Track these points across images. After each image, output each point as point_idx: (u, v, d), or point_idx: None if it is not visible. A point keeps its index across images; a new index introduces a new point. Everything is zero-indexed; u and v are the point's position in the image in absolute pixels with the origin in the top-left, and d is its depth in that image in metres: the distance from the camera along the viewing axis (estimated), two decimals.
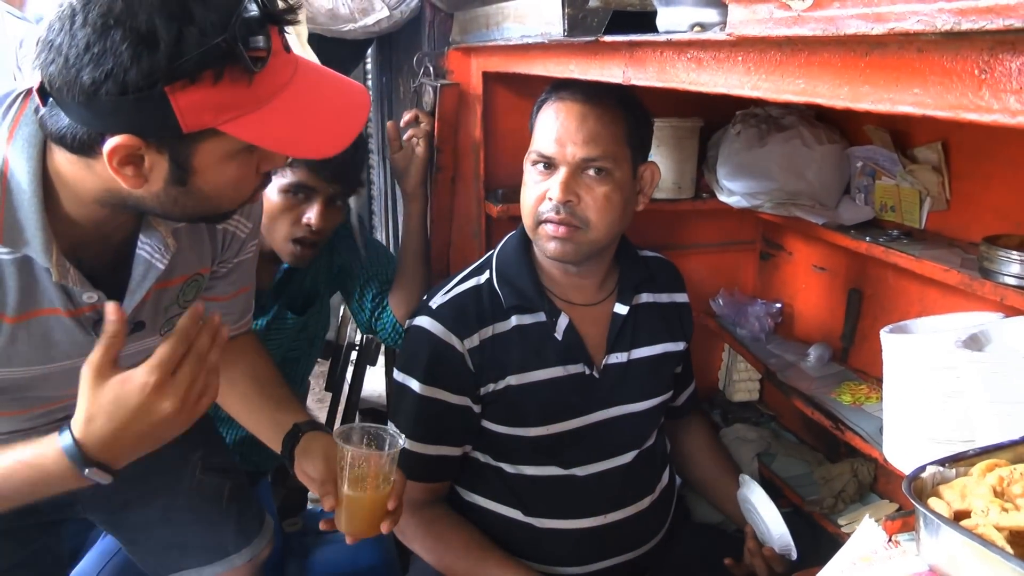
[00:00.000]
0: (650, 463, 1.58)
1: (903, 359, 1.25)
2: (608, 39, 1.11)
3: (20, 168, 0.95)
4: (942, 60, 0.59)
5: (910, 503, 0.85)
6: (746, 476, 1.57)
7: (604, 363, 1.50)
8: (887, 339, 1.28)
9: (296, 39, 1.68)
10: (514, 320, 1.46)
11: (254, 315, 1.47)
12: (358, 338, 2.49)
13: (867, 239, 1.57)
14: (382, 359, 2.52)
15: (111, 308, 0.97)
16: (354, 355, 2.48)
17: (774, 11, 0.73)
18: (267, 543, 1.58)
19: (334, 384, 2.42)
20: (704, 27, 0.91)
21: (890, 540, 0.94)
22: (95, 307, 1.08)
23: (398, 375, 1.49)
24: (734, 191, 1.84)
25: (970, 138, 1.50)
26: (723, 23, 0.82)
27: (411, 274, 1.84)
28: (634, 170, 1.43)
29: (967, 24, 0.53)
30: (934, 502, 0.84)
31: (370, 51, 2.63)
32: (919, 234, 1.60)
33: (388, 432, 1.25)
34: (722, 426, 2.12)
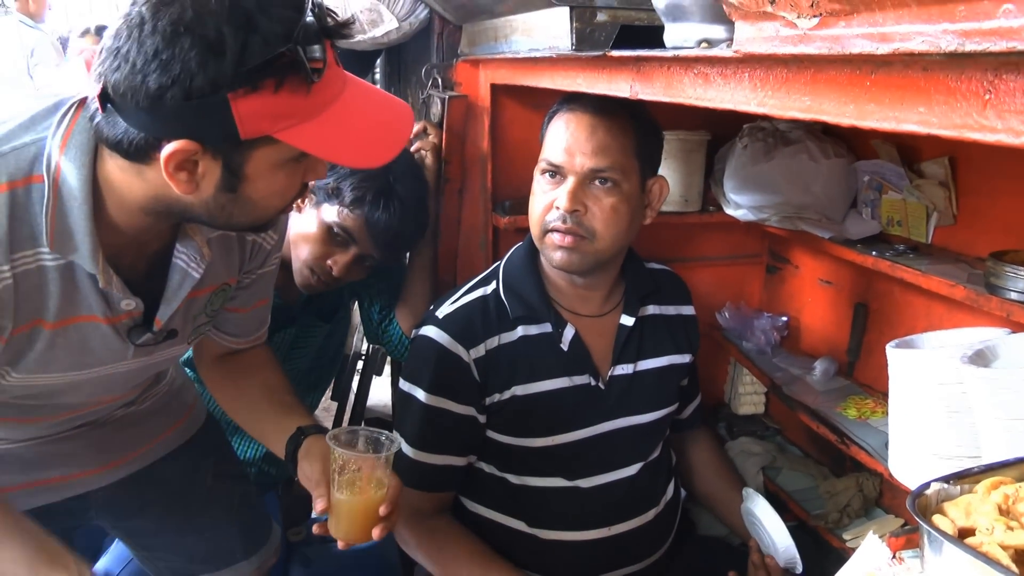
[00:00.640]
0: (655, 475, 1.58)
1: (909, 374, 1.25)
2: (615, 54, 1.11)
3: (72, 176, 0.97)
4: (947, 80, 0.59)
5: (915, 519, 0.84)
6: (750, 489, 1.57)
7: (610, 374, 1.50)
8: (893, 354, 1.28)
9: None
10: (520, 330, 1.46)
11: (283, 326, 1.47)
12: (364, 348, 2.49)
13: (873, 253, 1.57)
14: (388, 369, 2.52)
15: None
16: (360, 365, 2.48)
17: (780, 29, 0.73)
18: (274, 551, 1.58)
19: (340, 393, 2.42)
20: (711, 43, 0.92)
21: (894, 557, 0.94)
22: (131, 314, 1.10)
23: (404, 384, 1.49)
24: (741, 204, 1.85)
25: (977, 153, 1.50)
26: (730, 40, 0.83)
27: (418, 287, 1.85)
28: (642, 183, 1.43)
29: (971, 46, 0.54)
30: (938, 519, 0.83)
31: (378, 62, 2.64)
32: (926, 249, 1.59)
33: (385, 435, 1.21)
34: (727, 439, 2.12)
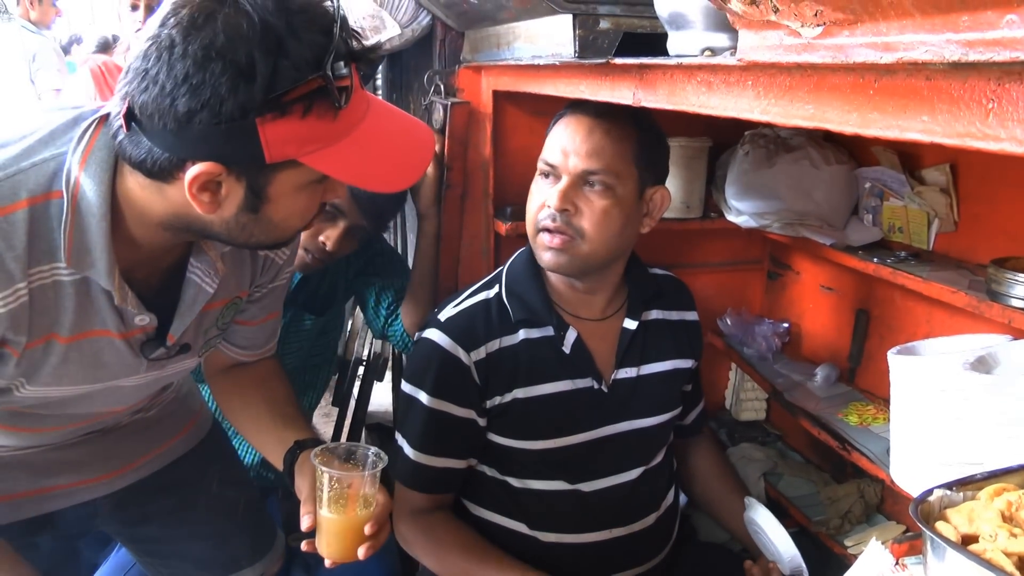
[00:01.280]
0: (656, 480, 1.58)
1: (910, 380, 1.25)
2: (619, 61, 1.12)
3: (91, 192, 0.97)
4: (950, 89, 0.59)
5: (917, 525, 0.85)
6: (752, 499, 1.56)
7: (613, 378, 1.50)
8: (894, 360, 1.28)
9: None
10: (522, 334, 1.46)
11: None
12: (365, 353, 2.50)
13: (875, 260, 1.57)
14: (389, 374, 2.53)
15: None
16: (361, 370, 2.49)
17: (784, 38, 0.73)
18: (278, 557, 1.58)
19: (341, 399, 2.43)
20: (714, 52, 0.92)
21: (897, 563, 0.94)
22: (144, 329, 1.10)
23: (406, 387, 1.50)
24: (742, 211, 1.85)
25: (979, 161, 1.50)
26: (733, 48, 0.83)
27: (423, 288, 1.88)
28: (641, 191, 1.42)
29: (974, 55, 0.54)
30: (941, 526, 0.84)
31: (381, 68, 2.65)
32: (927, 255, 1.60)
33: (373, 452, 1.20)
34: (728, 445, 2.12)
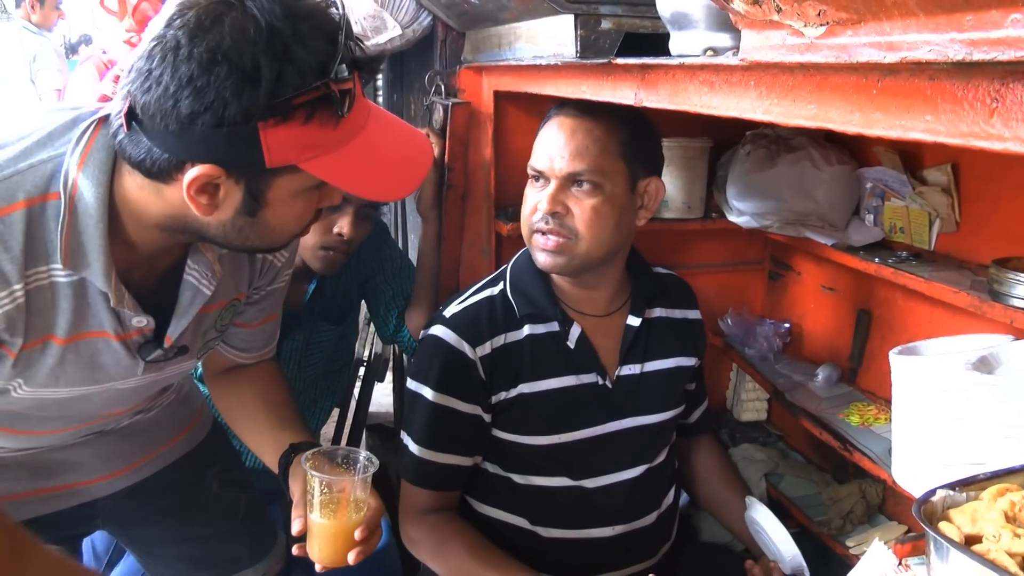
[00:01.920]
0: (658, 479, 1.58)
1: (912, 380, 1.25)
2: (620, 61, 1.12)
3: (89, 193, 0.97)
4: (954, 89, 0.59)
5: (919, 526, 0.84)
6: (753, 498, 1.56)
7: (617, 374, 1.51)
8: (896, 360, 1.28)
9: None
10: (527, 329, 1.47)
11: (290, 332, 1.47)
12: (366, 354, 2.49)
13: (876, 260, 1.57)
14: (390, 375, 2.53)
15: None
16: (362, 371, 2.48)
17: (787, 37, 0.73)
18: (280, 558, 1.58)
19: (342, 400, 2.42)
20: (717, 51, 0.92)
21: (900, 563, 0.94)
22: (142, 331, 1.10)
23: (411, 383, 1.50)
24: (743, 211, 1.85)
25: (980, 161, 1.50)
26: (736, 48, 0.83)
27: (425, 289, 1.88)
28: (632, 184, 1.42)
29: (979, 55, 0.54)
30: (945, 526, 0.84)
31: (382, 69, 2.65)
32: (928, 256, 1.60)
33: (364, 456, 1.18)
34: (730, 446, 2.11)
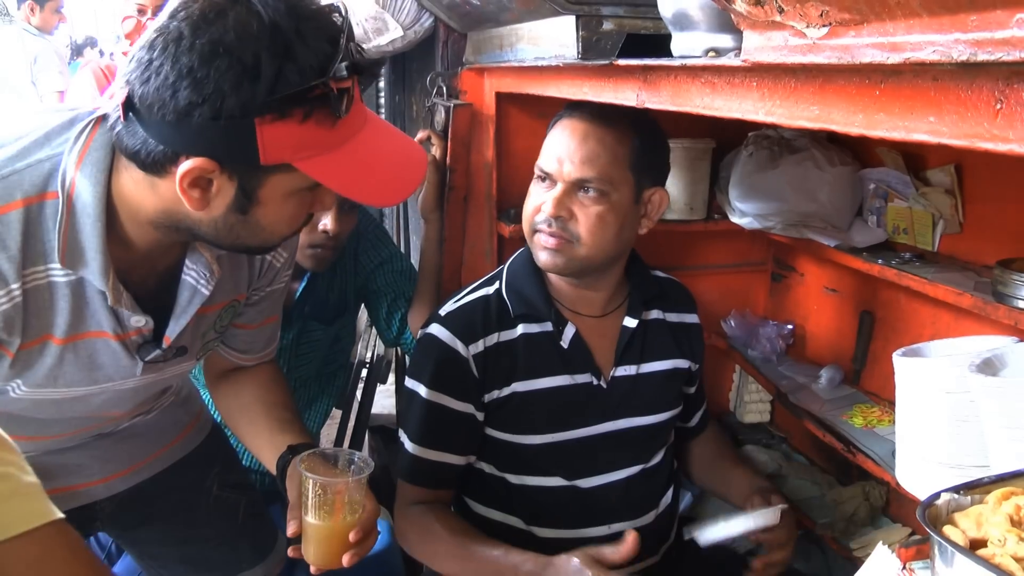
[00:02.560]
0: (655, 479, 1.58)
1: (915, 382, 1.24)
2: (622, 62, 1.11)
3: (86, 192, 0.97)
4: (958, 90, 0.59)
5: (923, 528, 0.84)
6: (697, 533, 1.45)
7: (612, 375, 1.50)
8: (899, 362, 1.27)
9: None
10: (521, 328, 1.47)
11: (281, 330, 1.48)
12: (368, 355, 2.49)
13: (879, 262, 1.56)
14: (392, 377, 2.52)
15: None
16: (364, 372, 2.48)
17: (789, 39, 0.73)
18: (280, 559, 1.58)
19: (344, 401, 2.42)
20: (719, 52, 0.92)
21: (904, 567, 0.94)
22: (140, 331, 1.10)
23: (408, 381, 1.51)
24: (746, 212, 1.84)
25: (984, 161, 1.49)
26: (738, 49, 0.83)
27: (429, 293, 1.89)
28: (638, 194, 1.42)
29: (983, 55, 0.53)
30: (949, 530, 0.83)
31: (383, 71, 2.65)
32: (932, 257, 1.59)
33: (358, 457, 1.18)
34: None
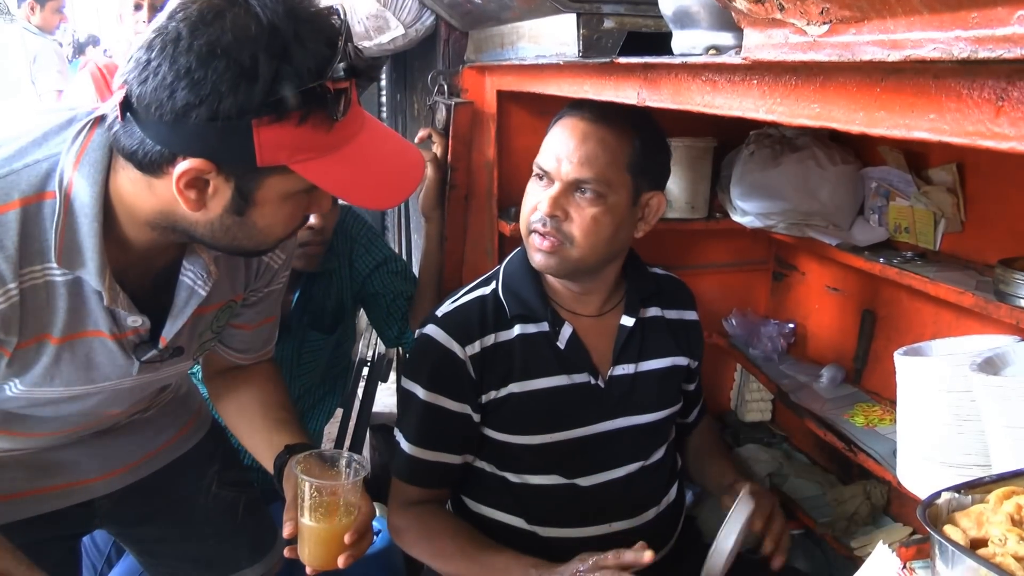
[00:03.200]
0: (656, 476, 1.57)
1: (917, 381, 1.24)
2: (623, 60, 1.11)
3: (84, 192, 0.97)
4: (959, 87, 0.59)
5: (924, 527, 0.84)
6: (744, 497, 1.43)
7: (610, 374, 1.50)
8: (901, 361, 1.27)
9: None
10: (517, 329, 1.47)
11: (280, 340, 1.48)
12: (369, 354, 2.49)
13: (881, 260, 1.56)
14: (393, 375, 2.52)
15: None
16: (365, 371, 2.48)
17: (790, 36, 0.73)
18: (279, 559, 1.57)
19: (345, 400, 2.42)
20: (719, 50, 0.92)
21: (904, 567, 0.93)
22: (137, 331, 1.10)
23: (404, 381, 1.51)
24: (747, 211, 1.84)
25: (986, 160, 1.49)
26: (738, 47, 0.83)
27: (430, 291, 1.89)
28: (635, 197, 1.41)
29: (984, 53, 0.53)
30: (950, 530, 0.83)
31: (384, 69, 2.65)
32: (933, 256, 1.59)
33: (355, 460, 1.19)
34: (733, 446, 2.11)
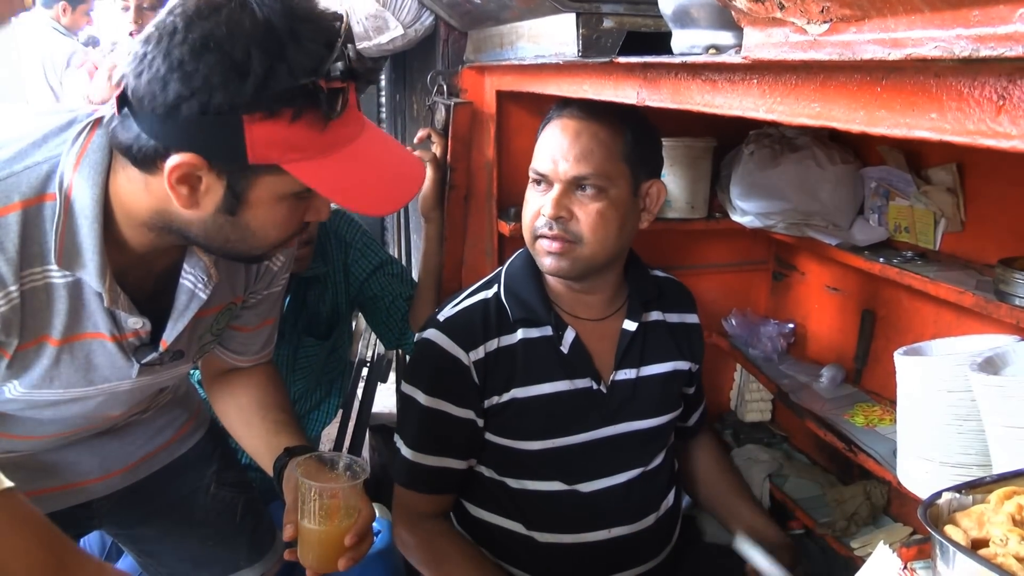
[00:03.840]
0: (656, 481, 1.57)
1: (917, 381, 1.24)
2: (622, 60, 1.11)
3: (84, 194, 0.97)
4: (960, 86, 0.59)
5: (924, 528, 0.83)
6: (740, 536, 1.48)
7: (612, 379, 1.50)
8: (901, 361, 1.27)
9: None
10: (520, 333, 1.46)
11: (276, 346, 1.48)
12: (369, 355, 2.49)
13: (881, 260, 1.56)
14: (393, 376, 2.52)
15: None
16: (365, 372, 2.48)
17: (790, 35, 0.73)
18: (278, 559, 1.58)
19: (345, 401, 2.42)
20: (719, 50, 0.92)
21: (905, 567, 0.93)
22: (138, 333, 1.10)
23: (405, 386, 1.51)
24: (747, 211, 1.84)
25: (986, 159, 1.49)
26: (738, 46, 0.82)
27: (430, 292, 1.88)
28: (635, 187, 1.42)
29: (985, 51, 0.53)
30: (951, 530, 0.82)
31: (384, 69, 2.64)
32: (933, 255, 1.59)
33: (356, 463, 1.19)
34: (734, 446, 2.11)
